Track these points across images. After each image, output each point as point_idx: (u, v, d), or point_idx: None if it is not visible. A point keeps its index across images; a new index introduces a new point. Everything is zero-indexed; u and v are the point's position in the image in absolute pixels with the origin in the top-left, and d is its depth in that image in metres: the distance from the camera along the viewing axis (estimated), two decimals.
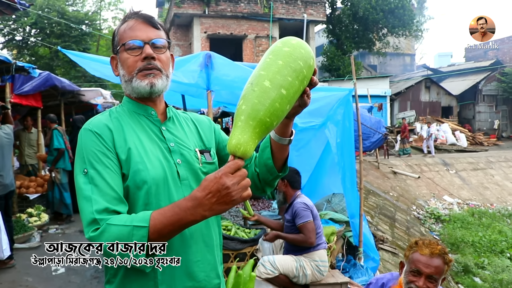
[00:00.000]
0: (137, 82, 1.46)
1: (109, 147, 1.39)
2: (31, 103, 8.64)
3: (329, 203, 5.78)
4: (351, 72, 5.67)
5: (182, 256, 1.40)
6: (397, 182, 15.89)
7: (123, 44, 1.47)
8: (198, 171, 1.52)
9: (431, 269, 2.21)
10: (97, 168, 1.34)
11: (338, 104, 5.10)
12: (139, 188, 1.38)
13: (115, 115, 1.50)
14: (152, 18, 1.51)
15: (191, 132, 1.62)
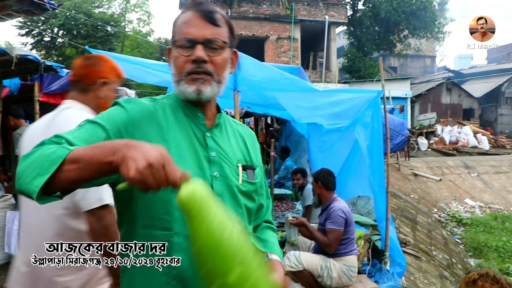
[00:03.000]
0: (184, 87, 1.31)
1: (118, 130, 1.24)
2: (58, 102, 8.72)
3: (355, 205, 5.74)
4: (373, 74, 5.61)
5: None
6: (418, 184, 15.73)
7: (175, 41, 1.33)
8: (235, 189, 1.36)
9: None
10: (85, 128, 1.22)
11: (367, 106, 5.06)
12: (160, 194, 1.16)
13: (160, 105, 1.36)
14: (212, 13, 1.32)
15: (238, 145, 1.47)
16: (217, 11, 1.34)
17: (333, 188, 4.31)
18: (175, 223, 1.24)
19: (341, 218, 3.99)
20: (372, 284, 4.24)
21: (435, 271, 8.26)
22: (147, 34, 33.86)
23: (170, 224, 1.24)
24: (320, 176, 4.36)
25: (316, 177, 4.42)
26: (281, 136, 10.24)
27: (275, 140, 9.64)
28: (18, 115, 5.36)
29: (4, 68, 5.79)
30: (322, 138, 6.12)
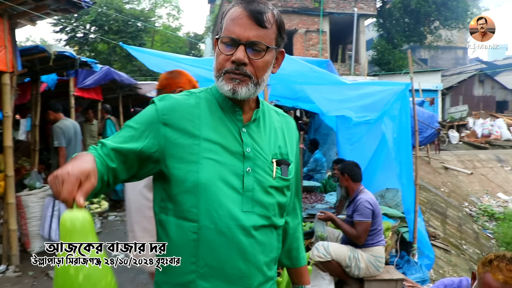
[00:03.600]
0: (221, 84, 1.33)
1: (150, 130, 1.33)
2: (92, 96, 9.05)
3: (383, 198, 5.77)
4: (403, 67, 5.61)
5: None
6: (449, 178, 15.52)
7: (219, 37, 1.34)
8: (267, 184, 1.38)
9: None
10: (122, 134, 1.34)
11: (395, 99, 5.07)
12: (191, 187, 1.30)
13: (195, 99, 1.40)
14: (260, 13, 1.29)
15: (276, 139, 1.47)
16: (266, 11, 1.31)
17: (359, 180, 4.36)
18: (202, 216, 1.29)
19: (368, 209, 4.05)
20: (399, 275, 4.29)
21: (465, 265, 8.21)
22: (177, 29, 34.25)
23: (198, 217, 1.30)
24: (346, 168, 4.41)
25: (342, 169, 4.46)
26: (310, 129, 10.29)
27: (304, 132, 9.72)
28: (57, 109, 5.60)
29: (42, 65, 6.04)
30: (351, 130, 6.17)
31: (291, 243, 1.68)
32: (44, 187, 5.83)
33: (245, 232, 1.32)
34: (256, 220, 1.35)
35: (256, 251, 1.35)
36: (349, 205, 4.31)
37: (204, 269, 1.31)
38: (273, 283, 1.50)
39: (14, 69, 4.80)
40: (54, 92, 8.16)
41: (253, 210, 1.34)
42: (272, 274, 1.47)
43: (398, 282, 4.17)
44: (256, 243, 1.35)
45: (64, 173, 1.04)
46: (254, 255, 1.35)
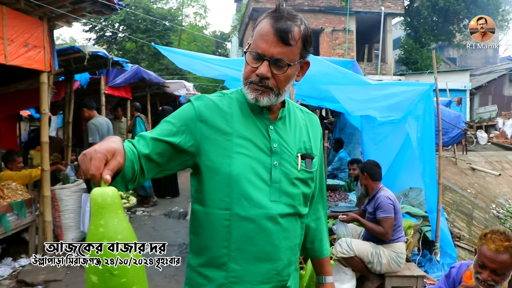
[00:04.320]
0: (247, 91, 1.47)
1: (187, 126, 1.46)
2: (122, 94, 9.33)
3: (406, 197, 5.82)
4: (430, 66, 5.65)
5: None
6: (476, 179, 15.32)
7: (249, 48, 1.46)
8: (293, 176, 1.52)
9: (495, 264, 2.23)
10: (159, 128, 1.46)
11: (419, 99, 5.13)
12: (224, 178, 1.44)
13: (227, 100, 1.53)
14: (285, 32, 1.39)
15: (300, 135, 1.61)
16: (292, 29, 1.41)
17: (379, 178, 4.45)
18: (234, 205, 1.44)
19: (390, 205, 4.14)
20: (420, 272, 4.35)
21: None
22: (203, 28, 34.54)
23: (230, 206, 1.44)
24: (366, 167, 4.52)
25: (362, 168, 4.58)
26: (335, 128, 10.34)
27: (329, 132, 9.78)
28: (91, 107, 5.84)
29: (77, 64, 6.30)
30: (375, 130, 6.23)
31: (315, 235, 1.82)
32: (77, 181, 6.09)
33: (273, 220, 1.46)
34: (283, 209, 1.49)
35: (281, 236, 1.50)
36: (369, 203, 4.40)
37: (235, 253, 1.46)
38: (295, 268, 1.64)
39: (51, 68, 5.05)
40: (85, 90, 8.45)
41: (280, 199, 1.49)
42: (296, 259, 1.61)
43: (419, 278, 4.23)
44: (282, 229, 1.49)
45: (92, 151, 1.12)
46: (280, 240, 1.49)
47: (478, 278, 2.33)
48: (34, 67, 4.76)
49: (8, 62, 4.29)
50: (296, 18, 1.45)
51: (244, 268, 1.46)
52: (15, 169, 5.66)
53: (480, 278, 2.31)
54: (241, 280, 1.47)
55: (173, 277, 4.92)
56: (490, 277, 2.26)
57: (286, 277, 1.55)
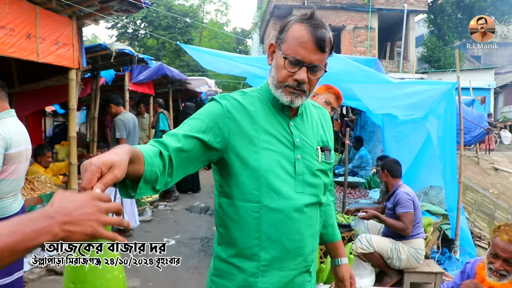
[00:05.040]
0: (281, 94, 1.54)
1: (216, 122, 1.51)
2: (145, 91, 9.50)
3: (426, 195, 5.84)
4: (453, 64, 5.65)
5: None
6: (498, 179, 15.12)
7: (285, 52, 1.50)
8: (315, 168, 1.63)
9: (507, 254, 2.35)
10: (188, 124, 1.50)
11: (441, 98, 5.14)
12: (252, 173, 1.52)
13: (250, 99, 1.60)
14: (323, 41, 1.48)
15: (317, 129, 1.72)
16: (327, 37, 1.51)
17: (398, 176, 4.50)
18: (263, 197, 1.52)
19: (409, 201, 4.19)
20: (439, 269, 4.38)
21: None
22: (224, 24, 34.67)
23: (259, 198, 1.52)
24: (386, 165, 4.58)
25: (382, 166, 4.64)
26: (356, 126, 10.34)
27: (350, 129, 9.80)
28: (118, 102, 5.99)
29: (104, 61, 6.46)
30: (397, 128, 6.25)
31: (327, 220, 1.94)
32: None
33: (299, 210, 1.57)
34: (307, 199, 1.60)
35: (306, 225, 1.61)
36: (389, 199, 4.45)
37: (265, 243, 1.54)
38: (316, 253, 1.76)
39: (80, 65, 5.21)
40: (110, 86, 8.65)
41: (304, 190, 1.60)
42: (317, 245, 1.72)
43: (438, 275, 4.26)
44: (307, 218, 1.60)
45: (87, 163, 1.08)
46: (305, 228, 1.60)
47: (490, 268, 2.44)
48: (63, 64, 4.93)
49: (40, 60, 4.46)
50: (326, 25, 1.54)
51: (274, 257, 1.56)
52: (44, 163, 5.86)
53: (493, 268, 2.41)
54: (271, 268, 1.56)
55: (195, 269, 5.05)
56: (503, 266, 2.36)
57: (310, 262, 1.67)
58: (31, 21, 4.33)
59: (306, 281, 1.69)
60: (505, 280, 2.39)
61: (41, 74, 5.90)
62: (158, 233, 6.37)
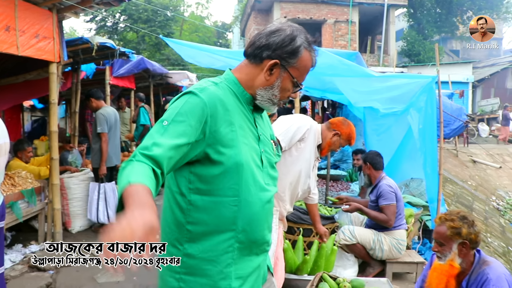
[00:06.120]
0: (272, 107, 1.68)
1: (207, 123, 1.49)
2: (126, 85, 9.42)
3: (407, 187, 5.93)
4: (433, 58, 5.72)
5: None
6: (476, 171, 15.42)
7: (296, 80, 1.63)
8: (273, 161, 1.75)
9: (436, 235, 2.58)
10: (174, 130, 1.44)
11: (421, 91, 5.22)
12: (233, 167, 1.54)
13: (222, 90, 1.59)
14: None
15: (268, 123, 1.85)
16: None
17: (381, 168, 4.58)
18: (242, 191, 1.56)
19: (391, 193, 4.27)
20: (420, 259, 4.48)
21: None
22: (205, 18, 34.43)
23: (238, 192, 1.56)
24: (368, 158, 4.65)
25: (364, 159, 4.71)
26: None
27: None
28: (99, 97, 5.92)
29: (85, 55, 6.39)
30: (378, 121, 6.33)
31: None
32: (85, 170, 6.20)
33: (269, 201, 1.68)
34: (272, 190, 1.71)
35: (270, 213, 1.73)
36: (372, 192, 4.52)
37: (241, 234, 1.60)
38: None
39: (60, 59, 5.14)
40: (90, 80, 8.55)
41: (269, 182, 1.70)
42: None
43: (419, 265, 4.36)
44: (270, 207, 1.72)
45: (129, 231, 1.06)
46: (270, 216, 1.73)
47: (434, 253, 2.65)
48: (44, 57, 4.86)
49: (20, 53, 4.39)
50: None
51: (247, 245, 1.63)
52: (25, 158, 5.77)
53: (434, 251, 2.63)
54: (244, 256, 1.64)
55: None
56: (436, 248, 2.56)
57: (269, 245, 1.78)
58: (10, 13, 4.25)
59: (266, 259, 1.82)
60: (443, 261, 2.54)
61: (21, 68, 5.80)
62: None
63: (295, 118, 3.36)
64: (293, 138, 3.20)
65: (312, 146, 3.35)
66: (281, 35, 1.58)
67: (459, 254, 2.50)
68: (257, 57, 1.61)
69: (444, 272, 2.51)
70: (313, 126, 3.37)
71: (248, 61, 1.64)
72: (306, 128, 3.28)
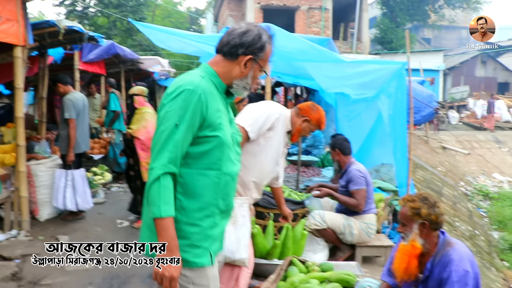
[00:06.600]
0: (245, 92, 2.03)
1: (203, 113, 1.81)
2: (95, 70, 9.22)
3: (378, 172, 6.00)
4: (404, 46, 5.76)
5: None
6: (446, 158, 15.75)
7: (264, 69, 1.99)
8: (239, 140, 2.06)
9: (399, 215, 2.66)
10: (185, 127, 1.77)
11: (392, 77, 5.25)
12: (218, 146, 1.87)
13: (207, 81, 1.89)
14: None
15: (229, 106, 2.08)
16: None
17: (349, 153, 4.59)
18: (223, 166, 1.88)
19: (361, 177, 4.30)
20: (389, 242, 4.54)
21: None
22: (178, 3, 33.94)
23: (221, 167, 1.88)
24: (337, 143, 4.65)
25: (333, 145, 4.70)
26: None
27: None
28: (66, 82, 5.76)
29: (52, 39, 6.19)
30: (349, 107, 6.35)
31: None
32: (52, 157, 6.06)
33: (236, 174, 2.01)
34: (239, 165, 2.04)
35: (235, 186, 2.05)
36: (342, 177, 4.54)
37: (220, 202, 1.91)
38: None
39: (26, 42, 4.97)
40: (59, 65, 8.32)
41: (237, 158, 2.02)
42: None
43: (388, 248, 4.41)
44: (236, 181, 2.04)
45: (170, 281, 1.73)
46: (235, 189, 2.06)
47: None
48: (7, 41, 4.69)
49: None
50: None
51: (223, 211, 1.95)
52: None
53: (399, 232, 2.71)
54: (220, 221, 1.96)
55: None
56: (400, 228, 2.64)
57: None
58: None
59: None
60: (406, 241, 2.58)
61: None
62: (112, 215, 6.25)
63: (264, 107, 3.32)
64: (261, 128, 3.16)
65: (281, 134, 3.32)
66: (251, 35, 1.90)
67: (420, 234, 2.53)
68: (233, 55, 1.91)
69: (406, 252, 2.55)
70: (282, 114, 3.33)
71: (224, 57, 1.94)
72: (275, 117, 3.25)
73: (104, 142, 9.00)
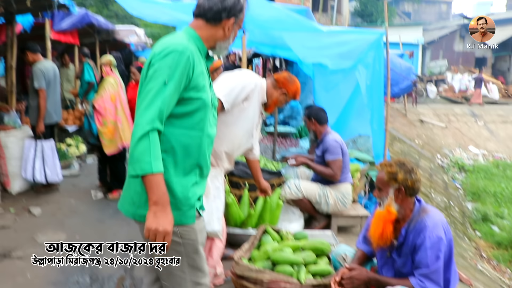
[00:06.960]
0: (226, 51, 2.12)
1: (189, 75, 1.83)
2: (68, 40, 8.93)
3: (355, 143, 6.00)
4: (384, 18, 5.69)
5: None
6: (424, 131, 15.92)
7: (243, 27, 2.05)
8: (216, 104, 2.10)
9: (376, 181, 2.66)
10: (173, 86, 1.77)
11: (369, 48, 5.19)
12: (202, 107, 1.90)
13: (193, 47, 1.91)
14: None
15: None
16: None
17: (325, 122, 4.55)
18: (206, 127, 1.93)
19: (337, 147, 4.28)
20: (364, 212, 4.57)
21: None
22: None
23: (204, 127, 1.92)
24: (312, 113, 4.60)
25: (308, 114, 4.64)
26: None
27: None
28: (35, 50, 5.55)
29: (18, 5, 5.94)
30: (327, 78, 6.27)
31: None
32: (23, 128, 5.90)
33: (214, 135, 2.05)
34: (215, 127, 2.09)
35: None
36: (318, 147, 4.51)
37: (201, 163, 1.96)
38: None
39: None
40: (29, 35, 8.03)
41: (215, 121, 2.07)
42: None
43: (363, 218, 4.44)
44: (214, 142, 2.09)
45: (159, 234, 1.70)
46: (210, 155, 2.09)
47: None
48: None
49: None
50: None
51: (203, 169, 2.00)
52: None
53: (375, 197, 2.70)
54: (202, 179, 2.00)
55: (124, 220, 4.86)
56: (376, 193, 2.63)
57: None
58: None
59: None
60: (382, 207, 2.57)
61: None
62: (86, 187, 6.14)
63: (239, 77, 3.21)
64: (236, 98, 3.06)
65: (256, 105, 3.23)
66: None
67: (395, 199, 2.52)
68: (217, 19, 1.95)
69: (382, 217, 2.54)
70: (257, 85, 3.23)
71: (207, 22, 1.95)
72: (251, 88, 3.14)
73: (78, 113, 8.82)
